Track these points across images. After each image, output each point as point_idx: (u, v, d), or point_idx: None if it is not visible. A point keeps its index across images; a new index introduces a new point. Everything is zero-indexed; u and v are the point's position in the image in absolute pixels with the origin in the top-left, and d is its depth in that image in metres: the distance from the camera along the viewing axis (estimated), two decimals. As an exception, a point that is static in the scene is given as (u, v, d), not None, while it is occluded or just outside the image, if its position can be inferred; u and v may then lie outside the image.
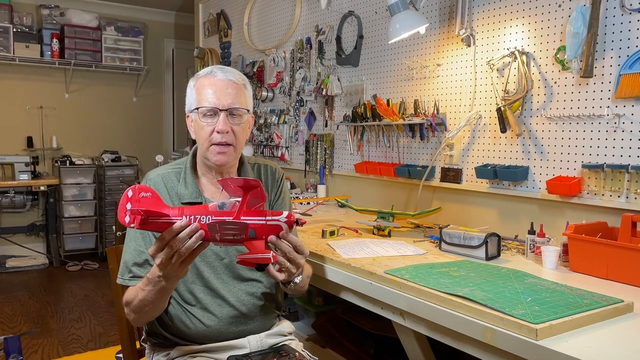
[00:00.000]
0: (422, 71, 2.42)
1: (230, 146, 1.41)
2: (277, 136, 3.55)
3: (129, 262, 1.39)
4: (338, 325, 2.33)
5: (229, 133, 1.39)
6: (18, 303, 4.00)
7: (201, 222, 1.11)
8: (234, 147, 1.42)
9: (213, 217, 1.13)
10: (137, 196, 1.10)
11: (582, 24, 1.73)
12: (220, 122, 1.38)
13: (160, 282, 1.21)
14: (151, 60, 5.92)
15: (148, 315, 1.35)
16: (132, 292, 1.33)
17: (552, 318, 1.11)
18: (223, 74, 1.42)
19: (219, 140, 1.39)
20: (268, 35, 3.72)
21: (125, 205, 1.09)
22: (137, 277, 1.37)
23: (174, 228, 1.09)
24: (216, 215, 1.13)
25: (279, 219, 1.18)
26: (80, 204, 5.18)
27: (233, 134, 1.41)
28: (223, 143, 1.39)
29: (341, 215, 2.58)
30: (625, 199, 1.68)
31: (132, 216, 1.09)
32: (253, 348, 1.45)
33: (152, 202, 1.11)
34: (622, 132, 1.70)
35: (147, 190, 1.11)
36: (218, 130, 1.38)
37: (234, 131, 1.41)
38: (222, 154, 1.41)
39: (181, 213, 1.12)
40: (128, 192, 1.10)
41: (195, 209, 1.14)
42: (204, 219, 1.12)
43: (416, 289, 1.37)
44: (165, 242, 1.11)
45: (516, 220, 2.04)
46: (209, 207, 1.15)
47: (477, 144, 2.19)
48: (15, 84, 5.21)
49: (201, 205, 1.16)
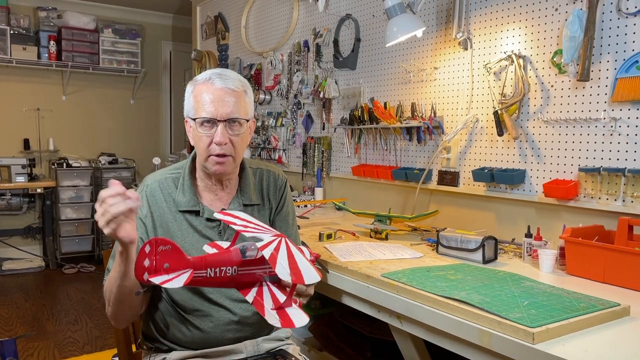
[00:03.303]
0: (420, 74, 2.42)
1: (229, 157, 1.38)
2: (275, 139, 3.55)
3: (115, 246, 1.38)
4: (335, 328, 2.33)
5: (227, 144, 1.36)
6: (14, 306, 3.99)
7: (227, 274, 1.06)
8: (233, 157, 1.39)
9: (238, 270, 1.07)
10: (156, 250, 1.01)
11: (579, 28, 1.73)
12: (219, 133, 1.34)
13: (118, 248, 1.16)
14: (149, 63, 5.91)
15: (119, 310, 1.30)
16: (107, 283, 1.30)
17: (549, 322, 1.11)
18: (221, 81, 1.36)
19: (217, 151, 1.35)
20: (266, 38, 3.72)
21: (143, 262, 1.00)
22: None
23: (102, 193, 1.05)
24: (241, 266, 1.07)
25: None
26: (77, 207, 5.16)
27: (232, 145, 1.37)
28: (221, 154, 1.36)
29: (338, 218, 2.58)
30: (622, 203, 1.69)
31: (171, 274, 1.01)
32: (249, 353, 1.44)
33: (173, 256, 1.02)
34: (619, 135, 1.70)
35: (166, 243, 1.02)
36: (216, 142, 1.35)
37: (233, 142, 1.37)
38: (221, 164, 1.37)
39: (204, 265, 1.05)
40: (145, 248, 1.00)
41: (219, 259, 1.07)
42: (229, 271, 1.06)
43: (413, 292, 1.37)
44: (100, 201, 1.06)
45: (513, 224, 2.04)
46: (232, 255, 1.08)
47: (474, 147, 2.19)
48: (12, 86, 5.20)
49: (223, 253, 1.09)
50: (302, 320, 1.01)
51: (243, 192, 1.49)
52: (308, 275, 1.00)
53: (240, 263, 1.08)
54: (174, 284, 1.01)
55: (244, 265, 1.08)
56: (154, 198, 1.41)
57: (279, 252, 1.03)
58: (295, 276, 0.99)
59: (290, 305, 1.04)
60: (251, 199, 1.50)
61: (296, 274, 0.99)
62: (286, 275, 0.98)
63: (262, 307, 1.04)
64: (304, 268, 1.01)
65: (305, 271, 1.00)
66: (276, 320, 1.00)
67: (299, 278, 0.99)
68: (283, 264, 1.00)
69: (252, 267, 1.08)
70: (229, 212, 1.24)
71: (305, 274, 1.00)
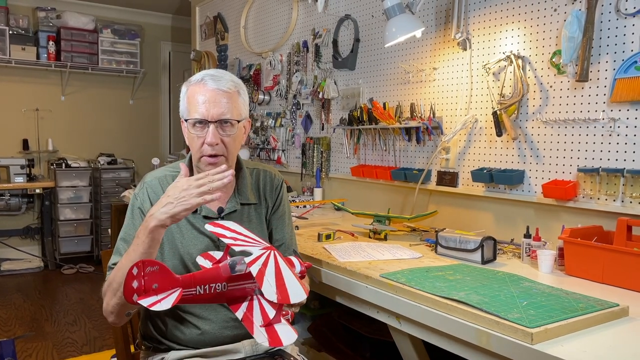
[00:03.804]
0: (419, 75, 2.42)
1: (222, 157, 1.39)
2: (274, 139, 3.55)
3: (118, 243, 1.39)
4: (334, 329, 2.32)
5: (219, 145, 1.37)
6: (13, 306, 3.98)
7: (216, 291, 1.06)
8: (226, 157, 1.40)
9: (228, 286, 1.08)
10: (144, 271, 1.01)
11: (578, 28, 1.73)
12: (210, 134, 1.35)
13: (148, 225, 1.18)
14: (148, 63, 5.91)
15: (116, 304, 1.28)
16: (112, 273, 1.30)
17: (548, 322, 1.11)
18: (214, 82, 1.37)
19: (209, 152, 1.37)
20: (265, 38, 3.72)
21: (131, 284, 1.00)
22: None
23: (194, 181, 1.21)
24: (230, 282, 1.08)
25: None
26: (75, 207, 5.16)
27: (224, 145, 1.38)
28: (213, 155, 1.38)
29: (337, 219, 2.58)
30: (621, 203, 1.69)
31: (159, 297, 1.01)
32: (248, 353, 1.45)
33: (161, 276, 1.02)
34: (618, 136, 1.70)
35: (153, 264, 1.02)
36: (207, 143, 1.36)
37: (225, 142, 1.38)
38: (213, 164, 1.38)
39: (193, 283, 1.06)
40: (133, 270, 1.00)
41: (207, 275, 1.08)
42: (219, 287, 1.07)
43: (412, 292, 1.37)
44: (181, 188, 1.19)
45: (512, 224, 2.04)
46: (220, 271, 1.08)
47: (473, 148, 2.19)
48: (11, 87, 5.20)
49: (212, 269, 1.10)
50: (290, 338, 1.00)
51: (240, 191, 1.50)
52: (294, 294, 0.99)
53: (230, 279, 1.08)
54: (163, 305, 1.00)
55: (233, 281, 1.08)
56: (155, 195, 1.43)
57: (267, 267, 1.03)
58: (281, 295, 0.99)
59: (280, 321, 1.04)
60: (248, 198, 1.51)
61: (282, 293, 0.99)
62: (272, 295, 0.98)
63: (252, 325, 1.04)
64: (291, 285, 1.01)
65: (292, 289, 1.00)
66: (264, 339, 1.00)
67: (284, 297, 0.98)
68: (270, 281, 1.00)
69: (242, 282, 1.08)
70: (220, 222, 1.26)
71: (291, 292, 1.00)
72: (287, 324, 1.03)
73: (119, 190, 5.08)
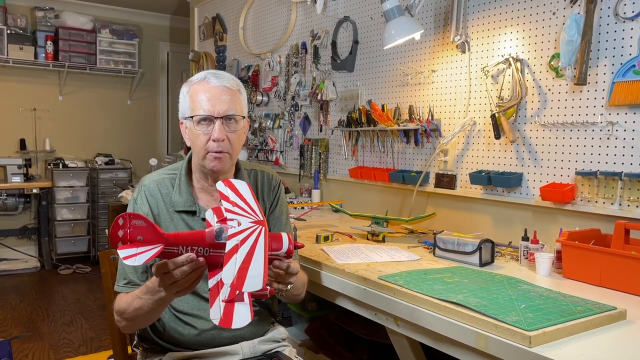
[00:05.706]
0: (417, 77, 2.42)
1: (226, 153, 1.39)
2: (272, 140, 3.55)
3: (126, 267, 1.38)
4: (332, 330, 2.32)
5: (224, 141, 1.37)
6: (9, 307, 3.97)
7: (198, 254, 1.07)
8: (230, 154, 1.40)
9: (211, 251, 1.08)
10: (130, 223, 1.03)
11: (576, 32, 1.74)
12: (216, 130, 1.36)
13: (160, 293, 1.17)
14: (146, 64, 5.91)
15: (140, 323, 1.34)
16: (126, 299, 1.31)
17: (546, 325, 1.11)
18: (217, 80, 1.39)
19: (215, 148, 1.37)
20: (263, 39, 3.72)
21: (117, 233, 1.02)
22: (131, 284, 1.35)
23: (177, 261, 1.05)
24: (214, 248, 1.08)
25: (278, 254, 1.15)
26: (72, 207, 5.15)
27: (229, 142, 1.38)
28: (219, 151, 1.38)
29: (335, 220, 2.58)
30: (619, 206, 1.69)
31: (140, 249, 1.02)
32: (246, 355, 1.44)
33: (147, 230, 1.04)
34: (616, 139, 1.71)
35: (139, 218, 1.04)
36: (214, 139, 1.36)
37: (230, 139, 1.39)
38: (218, 159, 1.38)
39: (176, 242, 1.06)
40: (119, 221, 1.02)
41: (192, 237, 1.08)
42: (201, 251, 1.07)
43: (410, 295, 1.37)
44: (165, 270, 1.07)
45: (510, 227, 2.05)
46: (205, 236, 1.08)
47: (472, 150, 2.20)
48: (8, 86, 5.19)
49: (197, 232, 1.10)
50: (242, 321, 0.99)
51: None
52: (250, 283, 0.97)
53: (213, 245, 1.08)
54: (137, 260, 1.01)
55: (216, 248, 1.08)
56: (153, 197, 1.42)
57: (242, 244, 1.02)
58: (237, 280, 0.97)
59: (243, 300, 1.02)
60: None
61: (239, 278, 0.97)
62: (229, 277, 0.97)
63: (216, 297, 1.02)
64: (253, 273, 0.98)
65: (250, 277, 0.98)
66: (218, 316, 0.99)
67: (239, 283, 0.97)
68: (237, 262, 0.99)
69: (224, 251, 1.06)
70: (233, 181, 1.18)
71: (248, 280, 0.97)
72: (248, 305, 1.01)
73: (116, 190, 5.07)
